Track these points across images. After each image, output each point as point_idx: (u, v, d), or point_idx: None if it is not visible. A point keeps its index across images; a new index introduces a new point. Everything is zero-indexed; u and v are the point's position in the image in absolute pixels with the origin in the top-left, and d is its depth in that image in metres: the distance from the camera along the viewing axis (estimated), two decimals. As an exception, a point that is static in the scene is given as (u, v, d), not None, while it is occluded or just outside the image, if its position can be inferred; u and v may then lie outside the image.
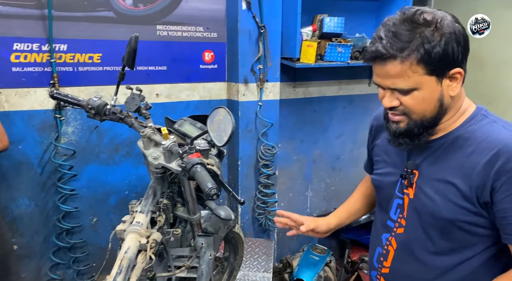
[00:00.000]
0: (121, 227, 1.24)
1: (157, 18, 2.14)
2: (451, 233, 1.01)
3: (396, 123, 1.00)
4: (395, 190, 1.12)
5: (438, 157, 1.02)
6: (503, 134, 0.94)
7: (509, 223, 0.93)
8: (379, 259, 1.16)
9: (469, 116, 1.01)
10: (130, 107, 1.41)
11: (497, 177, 0.91)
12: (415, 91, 0.93)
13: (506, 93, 2.37)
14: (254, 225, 2.55)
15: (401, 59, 0.89)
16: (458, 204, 0.97)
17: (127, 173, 2.22)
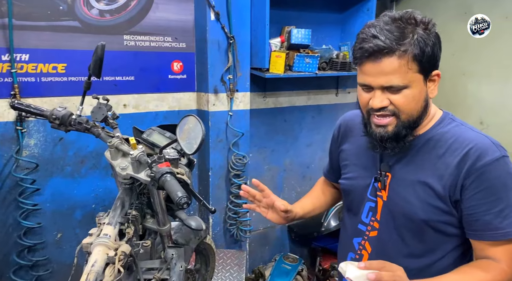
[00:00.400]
0: (87, 240, 1.20)
1: (124, 28, 2.11)
2: (425, 234, 1.03)
3: (383, 127, 0.99)
4: (367, 193, 1.12)
5: (410, 158, 1.04)
6: (471, 135, 0.99)
7: (476, 219, 0.96)
8: (353, 260, 1.16)
9: (438, 120, 1.05)
10: (96, 117, 1.38)
11: (467, 175, 0.95)
12: (406, 90, 0.94)
13: (464, 103, 2.50)
14: (225, 236, 2.53)
15: (399, 53, 0.91)
16: (433, 204, 0.99)
17: (94, 186, 2.16)
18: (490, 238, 0.96)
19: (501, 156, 0.95)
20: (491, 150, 0.95)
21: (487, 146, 0.96)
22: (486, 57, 2.38)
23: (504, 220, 0.95)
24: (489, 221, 0.95)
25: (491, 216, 0.95)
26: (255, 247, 2.81)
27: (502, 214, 0.95)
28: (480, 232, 0.97)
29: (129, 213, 1.32)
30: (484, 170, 0.94)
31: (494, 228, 0.95)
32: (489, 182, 0.94)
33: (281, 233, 2.95)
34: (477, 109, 2.43)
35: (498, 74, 2.33)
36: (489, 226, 0.95)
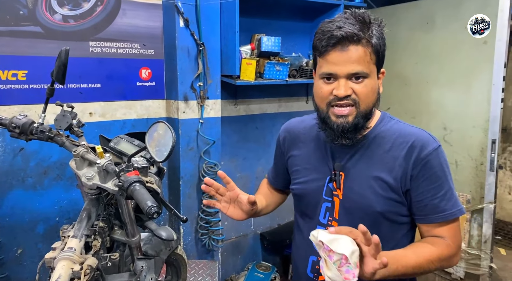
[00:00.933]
0: (50, 255, 1.13)
1: (89, 34, 2.05)
2: (380, 225, 1.07)
3: (344, 117, 1.02)
4: (322, 194, 1.14)
5: (361, 156, 1.09)
6: (412, 130, 1.08)
7: (425, 204, 1.05)
8: (314, 267, 1.15)
9: (379, 119, 1.12)
10: (60, 125, 1.32)
11: (414, 166, 1.03)
12: (367, 80, 1.00)
13: (428, 109, 2.58)
14: (197, 246, 2.47)
15: (364, 42, 0.98)
16: (386, 196, 1.05)
17: (58, 198, 2.06)
18: (439, 220, 1.05)
19: (438, 146, 1.05)
20: (430, 141, 1.05)
21: (426, 138, 1.05)
22: (448, 66, 2.48)
23: (448, 202, 1.04)
24: (437, 204, 1.04)
25: (438, 200, 1.04)
26: (227, 257, 2.77)
27: (446, 197, 1.04)
28: (430, 216, 1.06)
29: (95, 224, 1.26)
30: (428, 159, 1.03)
31: (441, 210, 1.04)
32: (432, 169, 1.03)
33: (254, 241, 2.93)
34: (441, 116, 2.52)
35: (460, 83, 2.43)
36: (437, 209, 1.05)
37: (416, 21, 2.63)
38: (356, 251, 0.86)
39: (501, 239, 3.72)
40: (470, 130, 2.38)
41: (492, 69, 2.24)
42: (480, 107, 2.32)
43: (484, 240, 2.41)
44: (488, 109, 2.28)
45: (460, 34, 2.39)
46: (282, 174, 1.31)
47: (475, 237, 2.46)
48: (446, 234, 1.06)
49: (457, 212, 1.05)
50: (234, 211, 1.16)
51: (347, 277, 0.85)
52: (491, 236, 2.40)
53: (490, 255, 2.42)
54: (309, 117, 1.25)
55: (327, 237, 0.88)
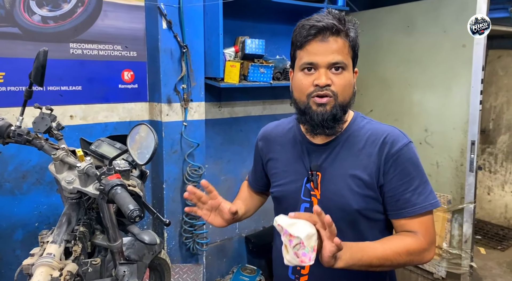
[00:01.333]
0: (28, 261, 1.10)
1: (70, 35, 2.02)
2: (358, 223, 1.09)
3: (323, 106, 1.04)
4: (300, 195, 1.15)
5: (336, 155, 1.11)
6: (383, 127, 1.11)
7: (397, 199, 1.06)
8: (295, 269, 1.15)
9: (352, 118, 1.15)
10: (39, 128, 1.29)
11: (386, 161, 1.06)
12: (345, 72, 1.03)
13: (410, 111, 2.62)
14: (181, 250, 2.45)
15: (343, 34, 1.02)
16: (363, 193, 1.07)
17: (37, 203, 2.01)
18: (410, 214, 1.06)
19: (408, 141, 1.08)
20: (401, 137, 1.08)
21: (397, 134, 1.08)
22: (429, 69, 2.53)
23: (419, 196, 1.05)
24: (408, 198, 1.06)
25: (409, 194, 1.06)
26: (212, 260, 2.75)
27: (417, 191, 1.06)
28: (401, 210, 1.07)
29: (76, 229, 1.23)
30: (398, 155, 1.05)
31: (412, 204, 1.06)
32: (403, 164, 1.05)
33: (239, 244, 2.92)
34: (422, 118, 2.56)
35: (440, 85, 2.48)
36: (408, 203, 1.06)
37: (397, 24, 2.67)
38: (313, 235, 0.87)
39: (481, 239, 3.80)
40: (450, 132, 2.43)
41: (471, 72, 2.29)
42: (460, 109, 2.37)
43: (465, 239, 2.46)
44: (467, 111, 2.33)
45: (439, 37, 2.44)
46: (261, 177, 1.33)
47: (456, 237, 2.50)
48: (418, 228, 1.06)
49: (428, 205, 1.06)
50: (215, 219, 1.16)
51: (303, 261, 0.85)
52: (471, 235, 2.44)
53: (471, 254, 2.47)
54: (285, 121, 1.28)
55: (287, 222, 0.88)
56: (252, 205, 1.36)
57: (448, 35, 2.40)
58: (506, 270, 3.26)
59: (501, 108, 3.99)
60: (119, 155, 1.15)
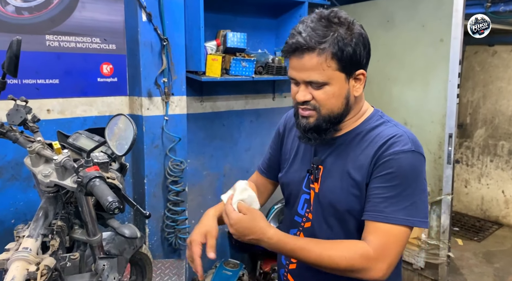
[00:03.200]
0: (3, 256, 1.08)
1: (46, 27, 1.96)
2: (348, 221, 1.08)
3: (306, 118, 1.05)
4: (302, 185, 1.17)
5: (340, 152, 1.10)
6: (393, 130, 1.05)
7: (369, 200, 1.02)
8: (287, 256, 1.18)
9: (368, 117, 1.11)
10: (13, 120, 1.25)
11: (376, 161, 1.02)
12: (327, 86, 0.99)
13: (390, 106, 2.67)
14: (163, 245, 2.43)
15: (318, 51, 0.96)
16: (353, 193, 1.05)
17: (13, 199, 1.95)
18: (372, 218, 1.00)
19: (410, 149, 1.00)
20: (403, 142, 1.00)
21: (401, 138, 1.01)
22: (408, 64, 2.57)
23: (389, 206, 0.98)
24: (377, 203, 1.00)
25: (380, 200, 0.99)
26: (195, 255, 2.74)
27: (389, 200, 0.98)
28: (367, 212, 1.01)
29: (53, 223, 1.21)
30: (389, 158, 0.99)
31: (378, 211, 0.99)
32: (390, 169, 0.99)
33: (221, 239, 2.91)
34: (402, 112, 2.61)
35: (419, 80, 2.52)
36: (375, 208, 1.00)
37: (377, 19, 2.70)
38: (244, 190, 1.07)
39: (458, 230, 3.90)
40: (429, 125, 2.48)
41: (448, 66, 2.34)
42: (437, 103, 2.42)
43: (443, 230, 2.52)
44: (445, 105, 2.38)
45: (417, 32, 2.48)
46: (275, 164, 1.31)
47: (434, 228, 2.56)
48: (374, 239, 0.97)
49: (393, 218, 0.97)
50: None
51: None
52: (449, 226, 2.51)
53: (448, 244, 2.53)
54: None
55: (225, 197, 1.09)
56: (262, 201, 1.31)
57: (426, 30, 2.44)
58: (482, 260, 3.35)
59: (477, 103, 4.10)
60: (97, 146, 1.13)
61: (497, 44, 3.86)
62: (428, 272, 2.65)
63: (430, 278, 2.66)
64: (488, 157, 4.08)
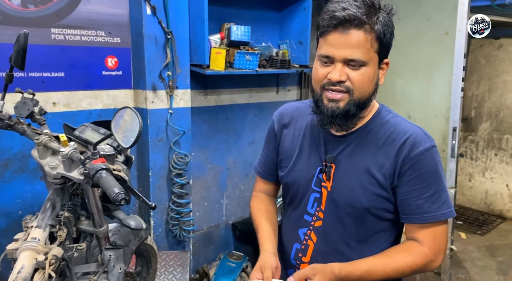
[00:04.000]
0: (12, 246, 1.10)
1: (51, 20, 1.97)
2: (365, 220, 1.08)
3: (335, 102, 0.99)
4: (311, 184, 1.13)
5: (353, 149, 1.08)
6: (407, 126, 1.06)
7: (409, 204, 1.04)
8: (297, 255, 1.16)
9: (376, 112, 1.10)
10: (21, 113, 1.27)
11: (403, 164, 1.02)
12: (365, 68, 0.96)
13: (394, 99, 2.66)
14: (168, 237, 2.46)
15: (367, 28, 0.93)
16: (374, 192, 1.05)
17: (20, 191, 1.98)
18: (419, 221, 1.04)
19: (431, 146, 1.02)
20: (424, 140, 1.02)
21: (421, 136, 1.03)
22: (412, 57, 2.56)
23: (433, 204, 1.02)
24: (420, 205, 1.02)
25: (422, 201, 1.02)
26: (199, 247, 2.77)
27: (431, 199, 1.02)
28: (411, 216, 1.04)
29: (60, 214, 1.23)
30: (417, 159, 1.01)
31: (423, 212, 1.03)
32: (421, 169, 1.01)
33: (225, 231, 2.94)
34: (406, 105, 2.60)
35: (423, 73, 2.51)
36: (420, 210, 1.03)
37: (382, 12, 2.69)
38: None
39: (462, 224, 3.90)
40: (433, 119, 2.47)
41: (453, 60, 2.33)
42: (442, 96, 2.41)
43: (446, 223, 2.53)
44: (449, 98, 2.37)
45: (422, 25, 2.47)
46: (275, 164, 1.26)
47: (437, 221, 2.57)
48: (426, 238, 1.04)
49: (440, 215, 1.02)
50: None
51: None
52: (452, 219, 2.51)
53: (451, 238, 2.54)
54: (306, 104, 1.20)
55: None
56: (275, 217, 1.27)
57: (431, 23, 2.43)
58: (485, 253, 3.36)
59: (482, 96, 4.07)
60: (104, 139, 1.15)
61: (503, 38, 3.83)
62: (430, 265, 2.67)
63: (432, 271, 2.67)
64: (492, 151, 4.07)
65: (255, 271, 1.05)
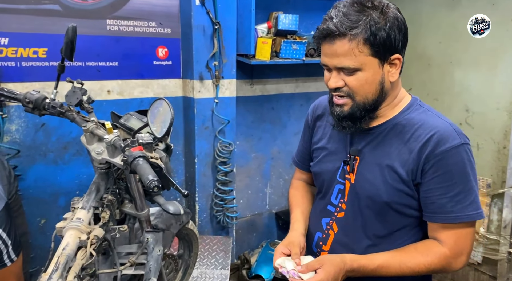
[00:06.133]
0: (61, 224, 1.20)
1: (107, 12, 2.08)
2: (387, 215, 1.07)
3: (340, 106, 1.04)
4: (336, 175, 1.15)
5: (378, 143, 1.07)
6: (436, 122, 1.02)
7: (432, 202, 1.01)
8: (318, 243, 1.19)
9: (406, 105, 1.07)
10: (71, 101, 1.36)
11: (426, 161, 0.99)
12: (359, 72, 0.97)
13: (451, 91, 2.48)
14: (212, 222, 2.53)
15: (349, 37, 0.94)
16: (396, 187, 1.03)
17: (78, 172, 2.15)
18: (441, 220, 1.01)
19: (460, 143, 0.98)
20: (451, 137, 0.98)
21: (449, 133, 0.99)
22: (474, 46, 2.36)
23: (456, 204, 0.99)
24: (443, 204, 1.00)
25: (445, 200, 0.99)
26: (242, 234, 2.83)
27: (455, 199, 0.99)
28: (434, 214, 1.02)
29: (104, 197, 1.31)
30: (442, 156, 0.98)
31: (446, 212, 1.00)
32: (446, 167, 0.98)
33: (269, 220, 2.97)
34: (464, 97, 2.42)
35: (485, 63, 2.31)
36: (442, 209, 1.00)
37: (441, -2, 2.51)
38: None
39: (526, 227, 3.59)
40: (494, 112, 2.28)
41: (521, 49, 2.12)
42: (506, 88, 2.21)
43: (504, 225, 2.34)
44: (514, 91, 2.17)
45: (486, 11, 2.26)
46: (309, 154, 1.31)
47: (494, 222, 2.39)
48: (447, 239, 1.01)
49: (465, 216, 0.99)
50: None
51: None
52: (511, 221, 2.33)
53: (510, 240, 2.36)
54: None
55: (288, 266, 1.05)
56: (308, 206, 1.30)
57: (497, 8, 2.22)
58: (551, 260, 3.07)
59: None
60: (141, 128, 1.20)
61: None
62: (485, 267, 2.50)
63: (487, 274, 2.50)
64: None
65: (282, 245, 1.10)
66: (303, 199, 1.32)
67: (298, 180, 1.41)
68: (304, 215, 1.26)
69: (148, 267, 1.37)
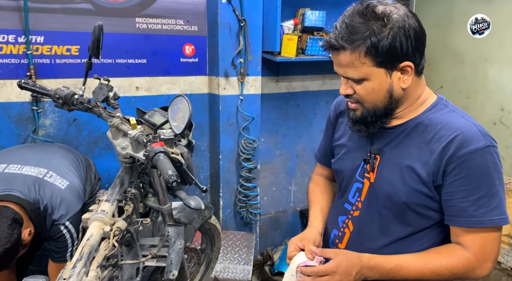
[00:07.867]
0: (86, 216, 1.25)
1: (136, 10, 2.14)
2: (405, 216, 1.05)
3: (353, 111, 1.06)
4: (356, 174, 1.15)
5: (399, 142, 1.05)
6: (460, 123, 0.99)
7: (453, 205, 0.98)
8: (335, 241, 1.19)
9: (430, 105, 1.05)
10: (98, 97, 1.42)
11: (448, 162, 0.96)
12: (365, 82, 0.98)
13: (484, 89, 2.38)
14: (235, 218, 2.56)
15: (350, 50, 0.94)
16: (416, 188, 1.01)
17: (107, 166, 2.22)
18: (463, 225, 0.98)
19: (485, 145, 0.95)
20: (476, 139, 0.95)
21: (473, 134, 0.96)
22: (510, 41, 2.26)
23: (479, 208, 0.96)
24: (465, 208, 0.96)
25: (467, 203, 0.96)
26: (266, 231, 2.84)
27: (478, 203, 0.96)
28: (455, 218, 0.99)
29: (128, 191, 1.35)
30: (465, 158, 0.94)
31: (468, 216, 0.97)
32: (469, 170, 0.95)
33: (293, 217, 2.96)
34: (498, 96, 2.32)
35: (523, 59, 2.21)
36: (464, 212, 0.97)
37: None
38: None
39: None
40: (531, 112, 2.18)
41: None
42: (545, 87, 2.11)
43: (540, 231, 2.23)
44: (554, 89, 2.06)
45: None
46: (330, 151, 1.31)
47: (529, 228, 2.28)
48: (471, 244, 0.98)
49: (488, 221, 0.95)
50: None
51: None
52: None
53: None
54: None
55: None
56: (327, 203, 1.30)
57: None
58: None
59: None
60: (162, 124, 1.23)
61: None
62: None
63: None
64: None
65: (296, 238, 1.11)
66: (322, 195, 1.32)
67: (318, 175, 1.41)
68: (323, 212, 1.26)
69: (170, 260, 1.41)
